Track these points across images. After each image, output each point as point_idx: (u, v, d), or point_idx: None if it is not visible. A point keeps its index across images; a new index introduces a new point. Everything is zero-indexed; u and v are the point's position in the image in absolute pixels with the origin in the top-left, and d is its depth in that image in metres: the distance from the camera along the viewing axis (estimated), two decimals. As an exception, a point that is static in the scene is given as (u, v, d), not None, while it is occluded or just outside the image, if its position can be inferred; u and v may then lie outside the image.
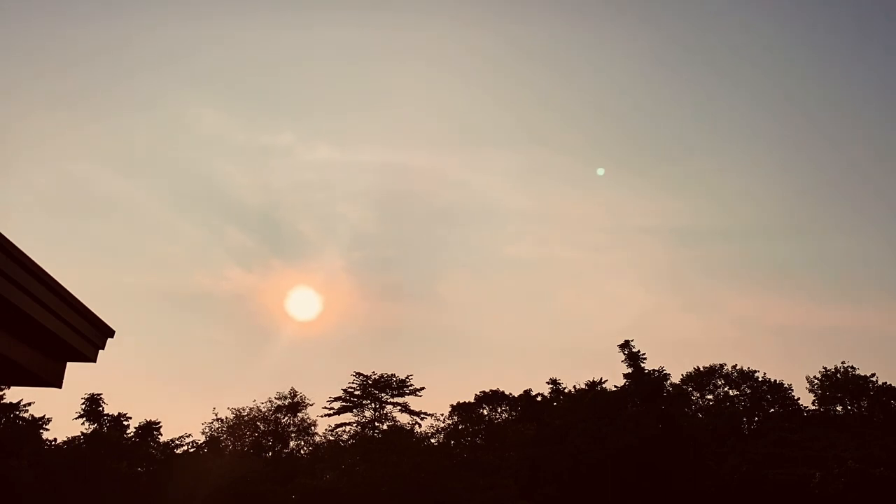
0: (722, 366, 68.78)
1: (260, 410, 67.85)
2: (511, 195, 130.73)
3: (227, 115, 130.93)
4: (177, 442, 57.00)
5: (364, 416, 69.67)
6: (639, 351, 56.96)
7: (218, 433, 65.63)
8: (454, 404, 71.06)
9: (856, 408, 66.16)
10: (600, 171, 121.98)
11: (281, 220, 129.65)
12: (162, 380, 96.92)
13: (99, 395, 54.64)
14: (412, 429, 65.94)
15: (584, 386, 62.18)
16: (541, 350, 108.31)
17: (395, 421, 68.53)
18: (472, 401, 71.51)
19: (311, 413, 69.88)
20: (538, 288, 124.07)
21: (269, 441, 67.96)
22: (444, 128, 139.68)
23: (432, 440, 65.38)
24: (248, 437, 66.94)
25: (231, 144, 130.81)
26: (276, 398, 68.51)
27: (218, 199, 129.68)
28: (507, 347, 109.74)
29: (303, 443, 69.47)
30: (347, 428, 68.80)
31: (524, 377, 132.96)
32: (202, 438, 63.11)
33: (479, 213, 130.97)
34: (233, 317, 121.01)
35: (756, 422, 64.51)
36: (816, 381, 67.56)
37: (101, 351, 6.51)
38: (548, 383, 70.06)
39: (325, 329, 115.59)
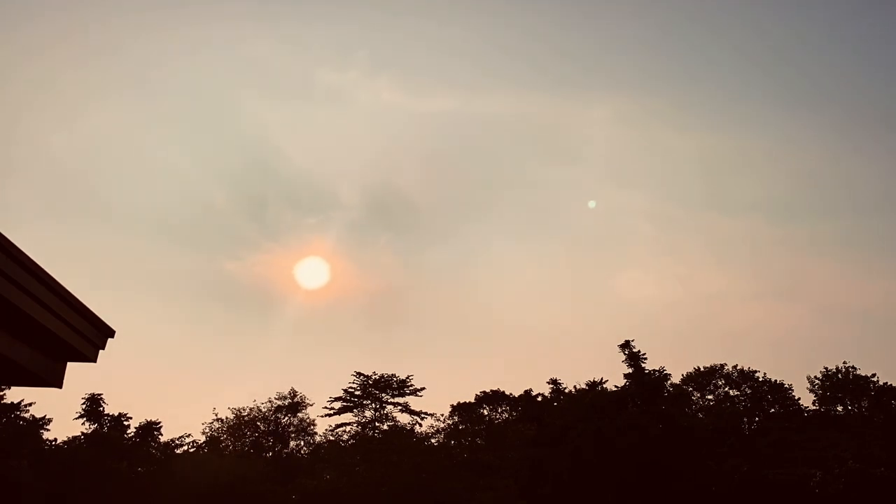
0: (722, 366, 68.83)
1: (260, 410, 67.95)
2: (595, 152, 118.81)
3: (281, 44, 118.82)
4: (177, 442, 57.04)
5: (364, 416, 69.78)
6: (639, 351, 57.00)
7: (218, 433, 65.69)
8: (454, 404, 71.19)
9: (856, 408, 66.17)
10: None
11: (323, 184, 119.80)
12: (164, 379, 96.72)
13: (99, 395, 54.64)
14: (412, 429, 66.01)
15: (584, 386, 62.24)
16: (588, 338, 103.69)
17: (396, 421, 68.61)
18: (473, 401, 71.58)
19: (312, 413, 70.02)
20: (598, 267, 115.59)
21: (269, 441, 68.01)
22: (532, 72, 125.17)
23: (432, 440, 65.40)
24: (248, 437, 67.00)
25: (281, 82, 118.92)
26: (276, 398, 68.64)
27: (256, 158, 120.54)
28: (548, 335, 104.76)
29: (303, 443, 69.58)
30: (347, 428, 68.93)
31: (570, 370, 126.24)
32: (202, 438, 63.20)
33: (552, 173, 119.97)
34: (254, 301, 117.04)
35: (756, 422, 64.52)
36: (817, 382, 67.61)
37: (101, 351, 6.50)
38: (548, 383, 70.12)
39: (348, 309, 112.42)
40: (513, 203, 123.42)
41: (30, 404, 51.58)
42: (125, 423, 54.76)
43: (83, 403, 54.12)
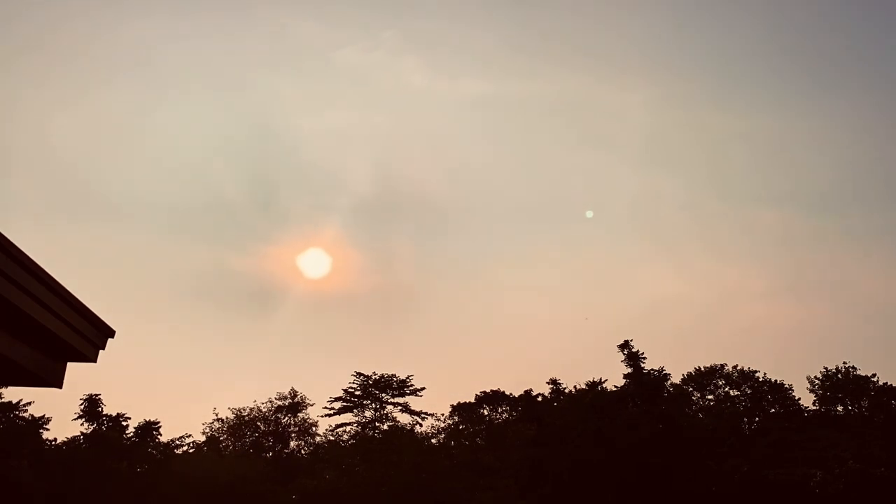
0: (722, 366, 68.79)
1: (260, 410, 67.97)
2: (628, 139, 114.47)
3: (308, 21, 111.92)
4: (177, 442, 57.02)
5: (364, 417, 69.79)
6: (639, 351, 56.97)
7: (218, 433, 65.72)
8: (454, 404, 71.19)
9: (856, 408, 66.15)
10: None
11: (334, 173, 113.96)
12: (164, 379, 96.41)
13: (97, 395, 54.51)
14: (413, 429, 66.00)
15: (584, 386, 62.17)
16: (589, 337, 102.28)
17: (396, 421, 68.64)
18: (473, 401, 71.58)
19: (312, 413, 70.05)
20: (606, 264, 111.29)
21: (270, 441, 68.03)
22: (569, 54, 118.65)
23: (433, 440, 65.40)
24: (248, 437, 67.02)
25: (299, 62, 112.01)
26: (276, 398, 68.65)
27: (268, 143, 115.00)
28: (549, 334, 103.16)
29: (303, 443, 69.59)
30: (348, 428, 68.97)
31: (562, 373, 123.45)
32: (202, 438, 63.21)
33: (580, 160, 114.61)
34: (255, 299, 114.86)
35: (756, 422, 64.51)
36: (817, 382, 67.58)
37: (101, 351, 6.49)
38: (548, 383, 70.06)
39: (349, 308, 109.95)
40: (530, 193, 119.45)
41: (28, 404, 51.63)
42: (123, 423, 54.69)
43: (81, 404, 54.06)
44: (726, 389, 68.37)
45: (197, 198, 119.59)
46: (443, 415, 70.42)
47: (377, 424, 68.17)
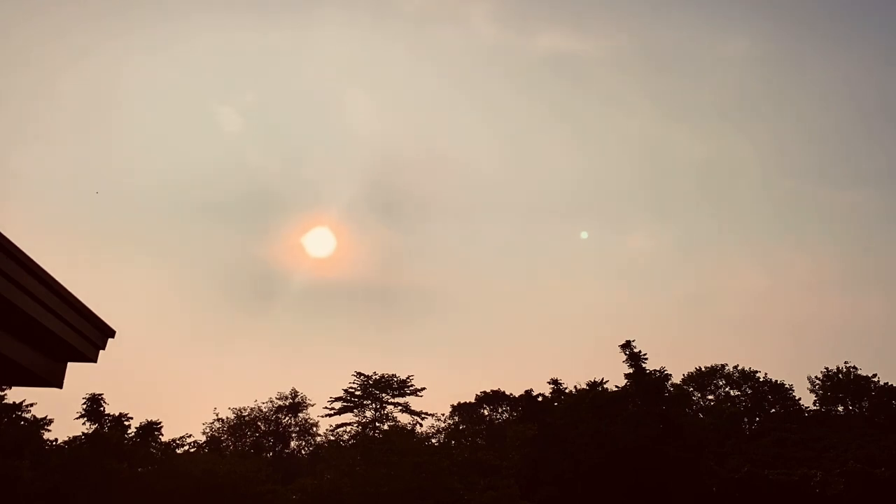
0: (723, 366, 68.81)
1: (261, 410, 68.02)
2: (708, 100, 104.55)
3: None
4: (178, 442, 57.03)
5: (365, 417, 69.83)
6: (640, 351, 56.98)
7: (219, 433, 65.73)
8: (455, 404, 71.24)
9: (857, 408, 66.14)
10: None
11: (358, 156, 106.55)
12: (164, 379, 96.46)
13: (100, 395, 54.63)
14: (413, 429, 66.00)
15: (585, 386, 62.16)
16: (590, 337, 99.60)
17: (396, 421, 68.65)
18: (473, 401, 71.59)
19: (312, 413, 70.12)
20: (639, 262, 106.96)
21: (270, 441, 68.06)
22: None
23: (433, 440, 65.44)
24: (248, 437, 67.05)
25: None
26: (277, 398, 68.69)
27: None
28: (549, 334, 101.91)
29: (304, 443, 69.65)
30: (348, 428, 68.98)
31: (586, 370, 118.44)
32: (203, 438, 63.23)
33: (652, 129, 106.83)
34: (256, 298, 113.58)
35: (757, 422, 64.54)
36: (818, 382, 67.60)
37: (101, 351, 6.51)
38: (549, 383, 69.98)
39: (350, 306, 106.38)
40: (577, 177, 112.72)
41: (31, 405, 51.73)
42: (126, 423, 54.75)
43: (84, 403, 54.14)
44: (727, 389, 68.42)
45: (202, 192, 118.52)
46: (443, 415, 70.55)
47: (377, 424, 68.20)
